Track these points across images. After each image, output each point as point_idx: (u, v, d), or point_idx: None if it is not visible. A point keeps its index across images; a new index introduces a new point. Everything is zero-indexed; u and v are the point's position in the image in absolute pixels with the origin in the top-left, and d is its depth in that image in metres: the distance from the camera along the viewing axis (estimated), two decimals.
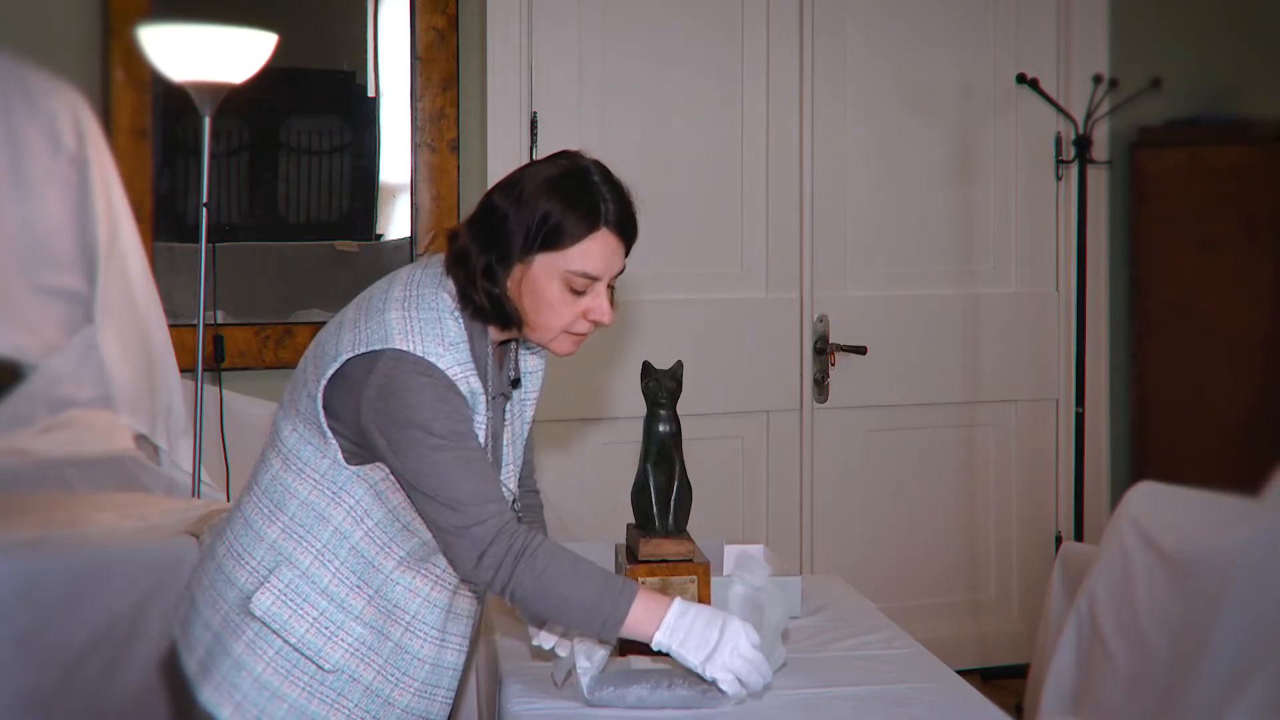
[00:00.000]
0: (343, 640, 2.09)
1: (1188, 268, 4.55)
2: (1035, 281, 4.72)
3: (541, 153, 4.12)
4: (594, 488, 3.98)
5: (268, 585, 2.07)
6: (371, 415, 2.02)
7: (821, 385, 4.49)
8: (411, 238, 4.12)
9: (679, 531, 2.53)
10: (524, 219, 2.06)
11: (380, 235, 4.19)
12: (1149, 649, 2.76)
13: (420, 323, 2.04)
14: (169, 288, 3.86)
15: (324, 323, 2.17)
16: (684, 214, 4.34)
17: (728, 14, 4.37)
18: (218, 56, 3.41)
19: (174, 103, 3.77)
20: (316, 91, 4.14)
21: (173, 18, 3.49)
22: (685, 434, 2.55)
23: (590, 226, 2.07)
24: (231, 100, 3.52)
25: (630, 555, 2.53)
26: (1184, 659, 2.64)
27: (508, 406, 2.24)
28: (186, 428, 3.63)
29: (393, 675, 2.13)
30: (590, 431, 4.26)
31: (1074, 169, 4.54)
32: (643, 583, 2.47)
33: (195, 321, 3.61)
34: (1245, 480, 2.85)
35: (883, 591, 4.12)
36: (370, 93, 4.16)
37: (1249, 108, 4.69)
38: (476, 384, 2.07)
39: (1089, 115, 4.40)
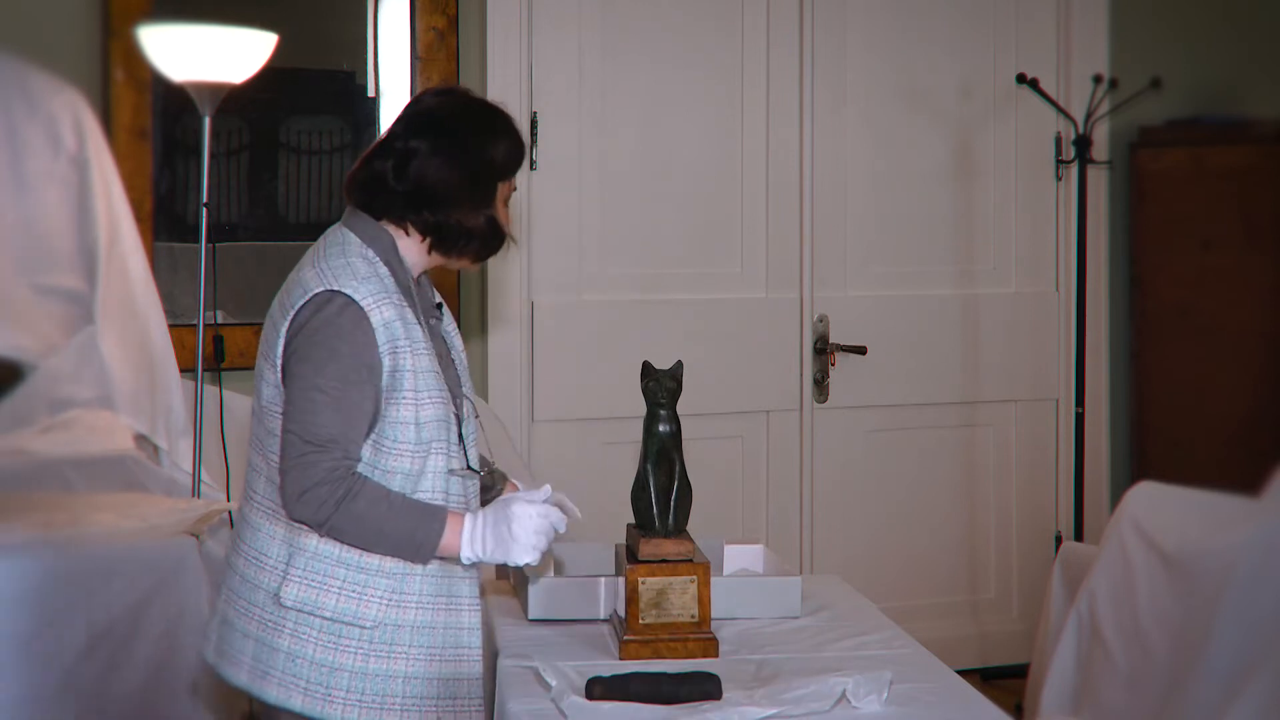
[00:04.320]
0: (373, 596, 2.17)
1: (1188, 268, 4.55)
2: (1035, 281, 4.71)
3: (542, 152, 4.13)
4: (594, 488, 3.97)
5: (290, 576, 2.16)
6: (288, 353, 2.14)
7: (821, 385, 4.49)
8: None
9: (679, 531, 2.53)
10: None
11: None
12: (1149, 649, 2.76)
13: (332, 269, 2.17)
14: (169, 288, 3.86)
15: None
16: (684, 214, 4.33)
17: (728, 15, 4.37)
18: (218, 56, 3.41)
19: (174, 103, 3.77)
20: (316, 91, 4.14)
21: (173, 18, 3.49)
22: (685, 434, 2.55)
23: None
24: (231, 100, 3.52)
25: (630, 555, 2.53)
26: (1184, 659, 2.64)
27: (442, 330, 2.36)
28: (186, 428, 3.63)
29: (438, 601, 2.21)
30: (590, 431, 4.26)
31: (1074, 169, 4.54)
32: (643, 584, 2.47)
33: (195, 321, 3.61)
34: (1245, 480, 2.85)
35: (883, 591, 4.12)
36: (370, 93, 4.15)
37: (1249, 108, 4.69)
38: (393, 312, 2.16)
39: (1089, 115, 4.40)
